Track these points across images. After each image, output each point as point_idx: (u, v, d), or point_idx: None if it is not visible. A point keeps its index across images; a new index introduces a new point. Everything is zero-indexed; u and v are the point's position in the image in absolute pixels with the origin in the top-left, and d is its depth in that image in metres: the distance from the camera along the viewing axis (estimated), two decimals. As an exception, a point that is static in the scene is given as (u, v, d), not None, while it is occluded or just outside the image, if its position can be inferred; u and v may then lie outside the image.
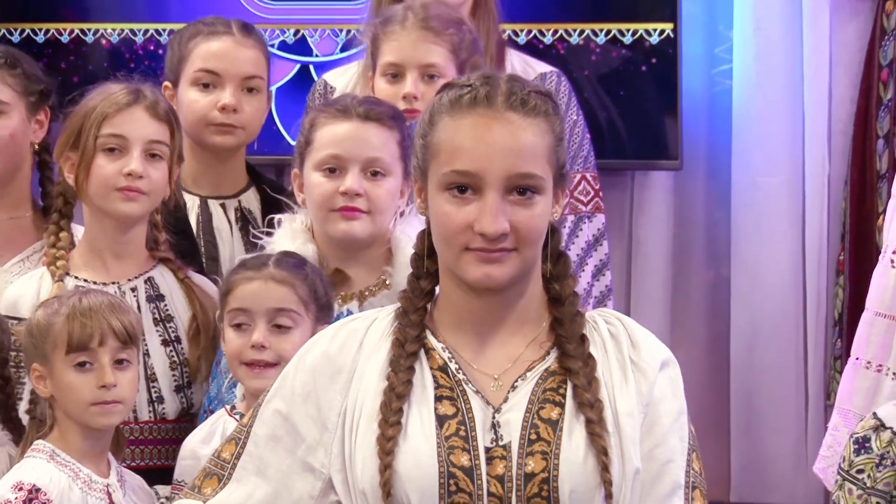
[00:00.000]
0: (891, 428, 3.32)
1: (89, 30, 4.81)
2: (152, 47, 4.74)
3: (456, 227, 2.74)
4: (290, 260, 3.48)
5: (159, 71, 4.32)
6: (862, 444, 3.34)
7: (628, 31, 4.57)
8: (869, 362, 3.86)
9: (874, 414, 3.38)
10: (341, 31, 4.75)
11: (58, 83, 4.16)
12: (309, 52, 4.76)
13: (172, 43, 4.18)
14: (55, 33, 4.84)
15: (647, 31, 4.56)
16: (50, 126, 4.05)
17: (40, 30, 4.85)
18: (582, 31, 4.58)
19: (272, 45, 4.64)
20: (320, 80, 4.27)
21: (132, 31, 4.79)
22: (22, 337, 3.52)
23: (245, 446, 2.89)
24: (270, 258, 3.48)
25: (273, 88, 4.45)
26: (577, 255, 4.05)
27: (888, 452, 3.30)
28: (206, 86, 4.08)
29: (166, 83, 4.11)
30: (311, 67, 4.75)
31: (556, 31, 4.58)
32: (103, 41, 4.82)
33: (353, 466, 2.79)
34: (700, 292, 4.76)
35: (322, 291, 3.45)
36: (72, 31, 4.83)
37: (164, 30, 4.62)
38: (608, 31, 4.59)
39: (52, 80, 4.13)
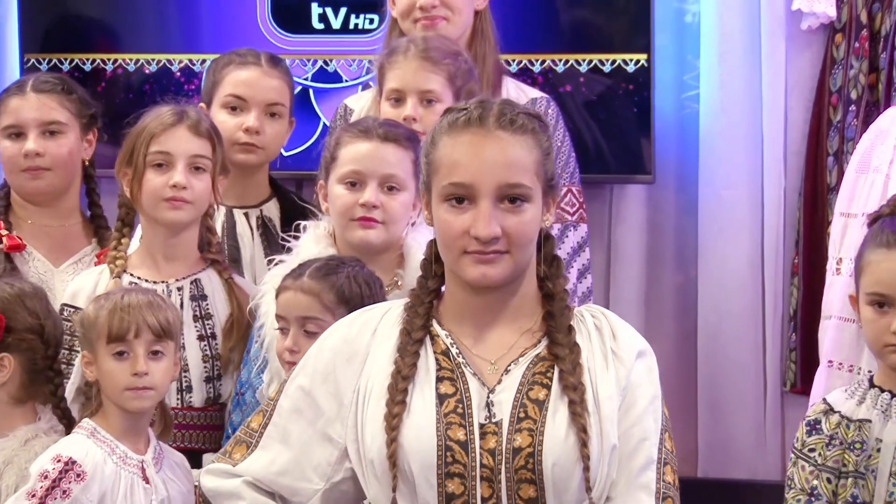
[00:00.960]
0: (839, 412, 3.29)
1: (130, 59, 4.79)
2: (186, 76, 4.72)
3: (454, 232, 2.77)
4: (326, 267, 3.46)
5: (193, 95, 4.31)
6: (813, 426, 3.30)
7: (608, 60, 4.56)
8: (841, 363, 3.84)
9: (824, 399, 3.36)
10: (353, 61, 4.72)
11: (103, 107, 4.18)
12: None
13: (208, 69, 4.18)
14: (100, 62, 4.82)
15: (625, 61, 4.55)
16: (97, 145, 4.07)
17: (87, 59, 4.82)
18: (567, 61, 4.57)
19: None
20: (341, 104, 4.22)
21: (168, 60, 4.77)
22: (76, 325, 3.52)
23: (271, 417, 2.92)
24: (308, 268, 3.45)
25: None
26: (564, 258, 4.04)
27: (837, 433, 3.27)
28: (233, 109, 4.05)
29: (201, 104, 4.09)
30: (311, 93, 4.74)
31: (544, 61, 4.57)
32: (143, 69, 4.80)
33: (363, 438, 2.82)
34: (671, 292, 4.74)
35: (356, 290, 3.40)
36: (115, 61, 4.80)
37: (197, 60, 4.60)
38: (590, 61, 4.57)
39: (99, 105, 4.14)
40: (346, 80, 4.77)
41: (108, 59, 4.83)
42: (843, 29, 4.52)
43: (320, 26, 4.75)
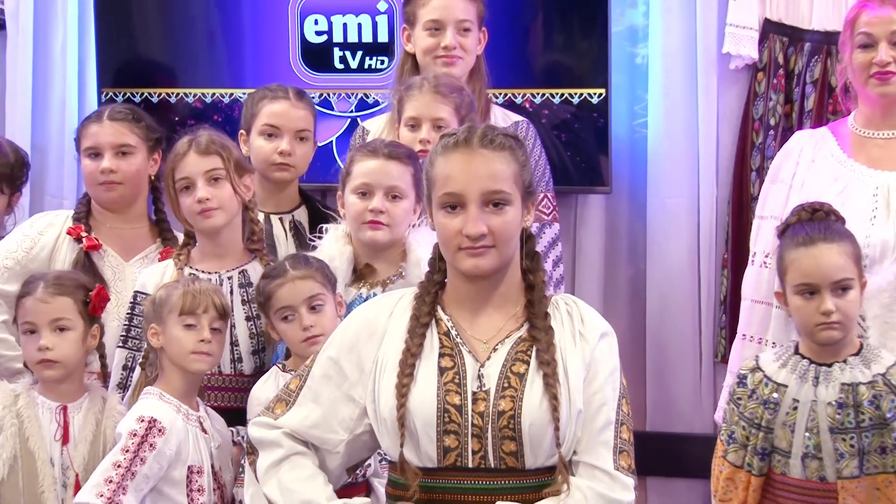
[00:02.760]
0: (763, 371, 3.29)
1: (189, 93, 4.77)
2: (232, 106, 4.70)
3: (450, 233, 2.81)
4: (297, 259, 3.52)
5: (237, 120, 4.30)
6: (741, 379, 3.32)
7: (575, 94, 4.53)
8: (752, 337, 3.86)
9: (756, 357, 3.38)
10: (368, 94, 4.71)
11: (167, 132, 4.15)
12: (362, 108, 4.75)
13: (246, 102, 4.13)
14: (165, 95, 4.80)
15: (589, 94, 4.52)
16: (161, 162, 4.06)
17: (154, 93, 4.80)
18: (543, 94, 4.55)
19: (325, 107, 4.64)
20: (360, 127, 4.21)
21: (220, 93, 4.76)
22: (145, 306, 3.53)
23: (306, 381, 2.93)
24: (286, 265, 3.50)
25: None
26: (542, 250, 4.04)
27: (757, 389, 3.27)
28: (269, 136, 3.99)
29: (242, 131, 4.07)
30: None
31: (524, 94, 4.55)
32: (200, 101, 4.78)
33: (378, 401, 2.84)
34: (624, 282, 4.70)
35: (331, 274, 3.49)
36: (177, 94, 4.79)
37: (242, 93, 4.58)
38: (561, 94, 4.54)
39: (163, 130, 4.12)
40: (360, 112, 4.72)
41: (172, 93, 4.79)
42: (764, 68, 4.50)
43: (341, 66, 4.70)
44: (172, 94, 4.81)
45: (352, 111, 4.68)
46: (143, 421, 3.34)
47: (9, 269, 3.93)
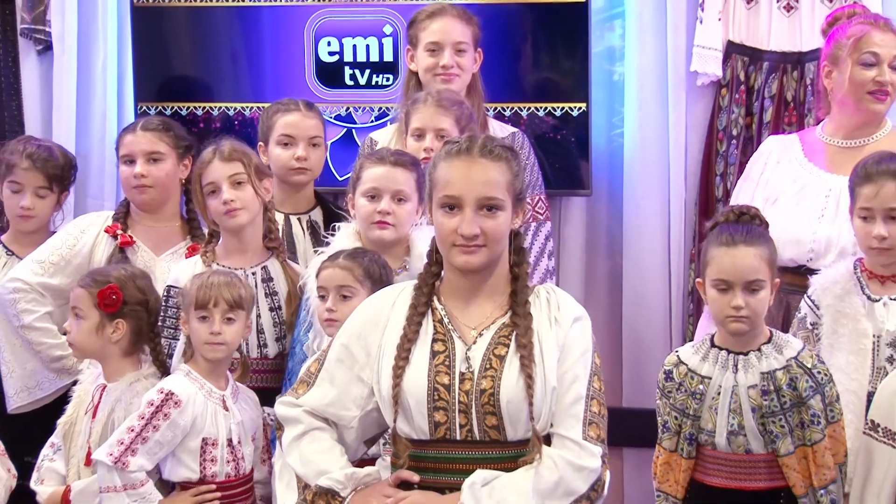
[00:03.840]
0: (686, 364, 3.30)
1: (216, 106, 4.77)
2: (255, 118, 4.68)
3: (447, 231, 2.81)
4: (355, 253, 3.49)
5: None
6: (668, 374, 3.33)
7: (558, 107, 4.53)
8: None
9: (676, 352, 3.38)
10: (374, 107, 4.70)
11: (196, 140, 4.16)
12: (352, 122, 4.73)
13: (262, 117, 4.16)
14: (194, 109, 4.78)
15: (571, 108, 4.52)
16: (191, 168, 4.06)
17: (184, 106, 4.79)
18: (530, 108, 4.55)
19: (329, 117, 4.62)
20: (368, 137, 4.21)
21: (243, 107, 4.75)
22: (179, 298, 3.56)
23: (323, 364, 2.94)
24: (343, 253, 3.48)
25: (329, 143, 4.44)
26: (538, 245, 4.07)
27: (683, 382, 3.28)
28: (285, 144, 4.03)
29: (260, 143, 4.09)
30: (353, 132, 4.73)
31: (513, 108, 4.55)
32: (225, 113, 4.78)
33: (380, 381, 2.85)
34: (603, 274, 4.69)
35: (376, 270, 3.42)
36: (205, 108, 4.77)
37: (262, 107, 4.56)
38: (546, 108, 4.54)
39: (192, 138, 4.13)
40: (369, 122, 4.70)
41: (200, 106, 4.78)
42: (727, 85, 4.49)
43: (351, 83, 4.69)
44: (200, 107, 4.79)
45: (372, 122, 4.67)
46: (162, 392, 3.38)
47: (54, 264, 3.95)
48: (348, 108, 4.69)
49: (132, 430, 3.32)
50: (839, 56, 3.77)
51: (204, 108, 4.79)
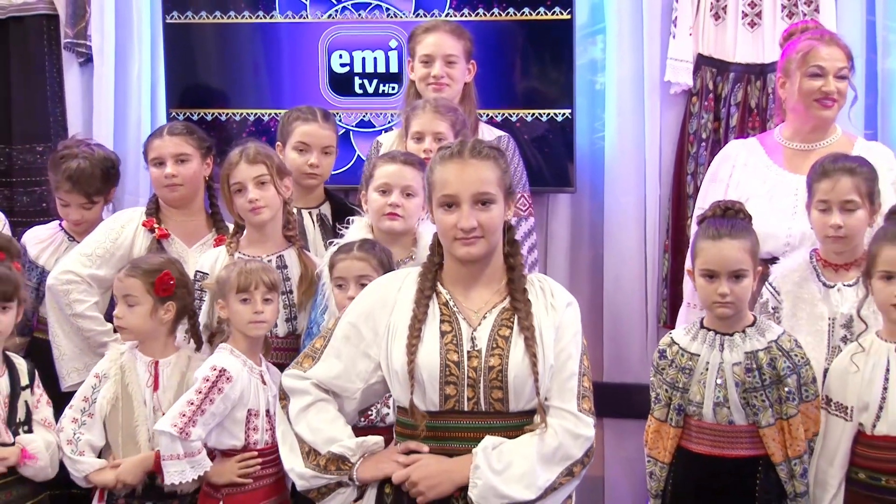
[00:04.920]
0: (678, 344, 3.33)
1: (238, 112, 4.76)
2: (273, 123, 4.68)
3: (447, 226, 2.82)
4: (367, 244, 3.48)
5: (274, 133, 4.31)
6: (662, 353, 3.35)
7: (546, 113, 4.52)
8: (693, 304, 3.87)
9: (670, 335, 3.40)
10: (380, 114, 4.69)
11: (217, 142, 4.16)
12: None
13: (282, 120, 4.15)
14: (218, 115, 4.78)
15: (557, 114, 4.50)
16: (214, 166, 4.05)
17: (209, 113, 4.78)
18: (520, 114, 4.54)
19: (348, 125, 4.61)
20: (375, 140, 4.21)
21: (262, 113, 4.74)
22: (213, 284, 3.55)
23: (329, 340, 2.93)
24: (354, 245, 3.47)
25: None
26: (521, 238, 4.03)
27: (675, 359, 3.31)
28: (301, 151, 4.02)
29: (278, 143, 4.08)
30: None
31: (503, 115, 4.54)
32: (246, 119, 4.77)
33: (391, 357, 2.84)
34: (586, 263, 4.68)
35: (386, 261, 3.43)
36: (228, 114, 4.77)
37: (280, 113, 4.56)
38: (534, 114, 4.54)
39: (213, 140, 4.13)
40: (376, 126, 4.69)
41: (223, 113, 4.78)
42: (698, 93, 4.48)
43: (360, 91, 4.68)
44: (223, 113, 4.78)
45: (389, 122, 4.67)
46: (215, 370, 3.38)
47: (99, 256, 3.94)
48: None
49: (192, 404, 3.33)
50: (790, 69, 3.80)
51: (226, 114, 4.78)
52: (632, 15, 4.54)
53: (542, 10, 4.49)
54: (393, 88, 4.65)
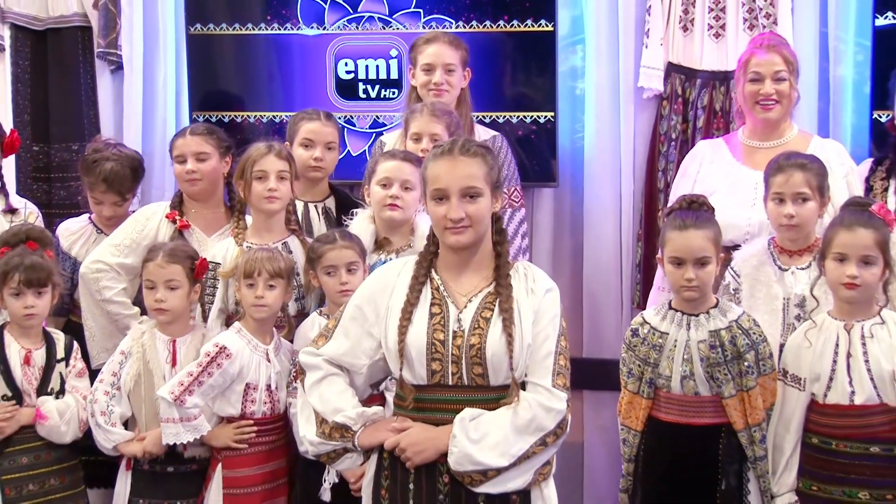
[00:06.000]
0: (649, 323, 3.35)
1: (252, 115, 4.75)
2: (285, 125, 4.66)
3: (439, 217, 2.81)
4: (343, 233, 3.50)
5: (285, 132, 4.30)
6: (635, 332, 3.37)
7: (531, 116, 4.51)
8: (663, 288, 3.87)
9: (641, 315, 3.42)
10: (379, 115, 4.67)
11: (237, 143, 4.13)
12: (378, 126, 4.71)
13: (290, 121, 4.14)
14: (234, 117, 4.76)
15: (541, 116, 4.49)
16: (232, 164, 4.03)
17: (226, 115, 4.77)
18: (507, 116, 4.53)
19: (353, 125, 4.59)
20: (379, 140, 4.21)
21: (274, 116, 4.72)
22: (227, 272, 3.56)
23: (339, 321, 2.93)
24: (333, 236, 3.48)
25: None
26: (513, 227, 4.05)
27: (647, 337, 3.32)
28: (306, 146, 4.01)
29: (286, 143, 4.06)
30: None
31: (493, 116, 4.51)
32: (259, 120, 4.75)
33: (387, 337, 2.84)
34: (567, 250, 4.65)
35: (363, 247, 3.47)
36: (244, 116, 4.75)
37: (289, 115, 4.56)
38: (520, 116, 4.53)
39: (231, 140, 4.10)
40: (377, 128, 4.67)
41: (240, 115, 4.76)
42: (668, 98, 4.46)
43: (364, 96, 4.65)
44: (240, 115, 4.76)
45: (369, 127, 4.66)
46: (216, 346, 3.39)
47: (127, 246, 3.92)
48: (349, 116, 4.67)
49: (190, 375, 3.34)
50: (738, 76, 3.87)
51: (243, 116, 4.76)
52: (608, 27, 4.52)
53: (529, 22, 4.48)
54: (393, 93, 4.62)
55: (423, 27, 4.53)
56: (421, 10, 4.55)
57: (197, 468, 3.49)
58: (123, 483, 3.52)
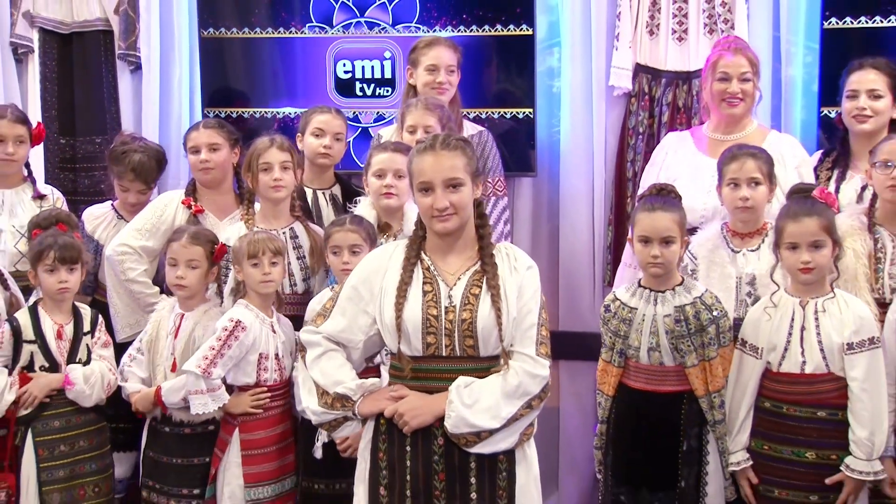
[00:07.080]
0: (620, 300, 3.35)
1: (259, 111, 4.72)
2: (291, 120, 4.63)
3: (426, 207, 2.80)
4: (355, 218, 3.48)
5: (294, 127, 4.25)
6: (607, 308, 3.39)
7: (511, 112, 4.48)
8: (630, 264, 3.88)
9: (613, 292, 3.43)
10: (375, 112, 4.63)
11: (245, 136, 4.12)
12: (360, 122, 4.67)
13: (303, 114, 4.14)
14: (242, 112, 4.73)
15: (520, 112, 4.47)
16: (240, 155, 4.01)
17: (234, 111, 4.73)
18: (490, 112, 4.50)
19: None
20: (377, 134, 4.20)
21: (278, 112, 4.69)
22: (233, 252, 3.53)
23: (337, 301, 2.91)
24: (346, 219, 3.48)
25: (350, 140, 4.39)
26: (497, 214, 4.05)
27: (618, 312, 3.33)
28: (317, 136, 4.00)
29: (299, 134, 4.07)
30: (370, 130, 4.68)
31: (477, 112, 4.47)
32: (265, 116, 4.72)
33: (383, 313, 2.82)
34: (545, 234, 4.63)
35: (373, 233, 3.46)
36: (251, 112, 4.73)
37: (294, 112, 4.54)
38: (501, 112, 4.50)
39: (239, 133, 4.10)
40: (373, 123, 4.64)
41: (247, 111, 4.73)
42: (636, 95, 4.43)
43: (360, 94, 4.61)
44: (247, 112, 4.73)
45: (373, 122, 4.62)
46: (232, 321, 3.39)
47: (147, 230, 3.94)
48: (355, 113, 4.64)
49: (213, 349, 3.33)
50: (706, 75, 3.86)
51: (249, 112, 4.73)
52: (582, 31, 4.49)
53: (511, 26, 4.45)
54: (387, 91, 4.59)
55: (415, 31, 4.50)
56: (421, 26, 4.51)
57: (202, 431, 3.51)
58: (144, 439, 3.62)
